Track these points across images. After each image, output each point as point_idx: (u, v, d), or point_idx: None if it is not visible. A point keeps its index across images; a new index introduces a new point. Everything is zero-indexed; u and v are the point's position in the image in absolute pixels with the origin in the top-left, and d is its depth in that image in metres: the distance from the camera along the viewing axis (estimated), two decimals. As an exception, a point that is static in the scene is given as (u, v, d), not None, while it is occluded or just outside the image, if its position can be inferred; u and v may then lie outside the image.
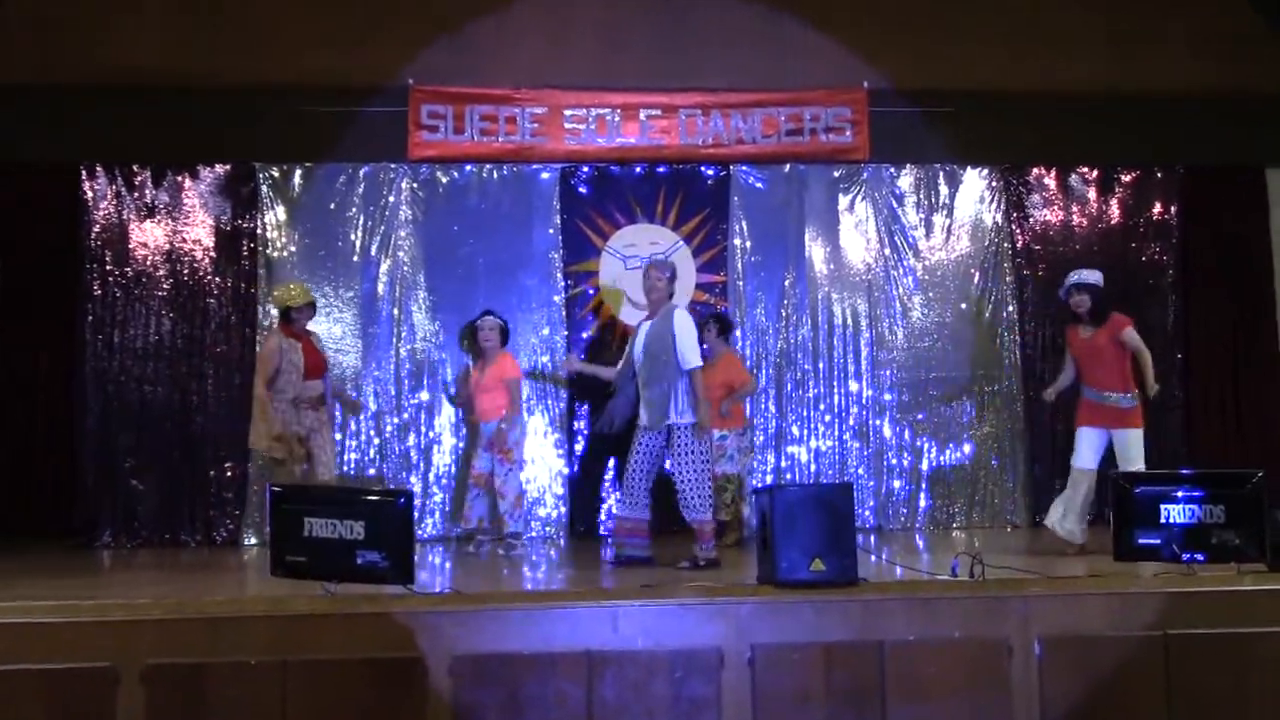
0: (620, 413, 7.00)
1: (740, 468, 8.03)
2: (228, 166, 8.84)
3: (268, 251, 8.80)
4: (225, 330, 8.71)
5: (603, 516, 8.76)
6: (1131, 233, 9.35)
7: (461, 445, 8.78)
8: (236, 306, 8.73)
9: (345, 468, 8.63)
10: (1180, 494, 5.58)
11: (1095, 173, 9.40)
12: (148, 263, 8.68)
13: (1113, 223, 9.36)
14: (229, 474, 8.59)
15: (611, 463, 8.77)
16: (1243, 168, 9.46)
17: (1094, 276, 7.18)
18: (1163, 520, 5.58)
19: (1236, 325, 9.37)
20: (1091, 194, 9.38)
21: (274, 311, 7.94)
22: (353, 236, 8.88)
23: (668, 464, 6.74)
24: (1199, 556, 5.53)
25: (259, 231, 8.79)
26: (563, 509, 8.82)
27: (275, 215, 8.83)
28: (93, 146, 8.67)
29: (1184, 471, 6.30)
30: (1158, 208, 9.37)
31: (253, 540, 8.51)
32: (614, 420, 7.02)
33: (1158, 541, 5.59)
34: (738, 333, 8.92)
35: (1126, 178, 9.40)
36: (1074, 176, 9.39)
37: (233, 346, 8.70)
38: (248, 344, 8.66)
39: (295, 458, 7.29)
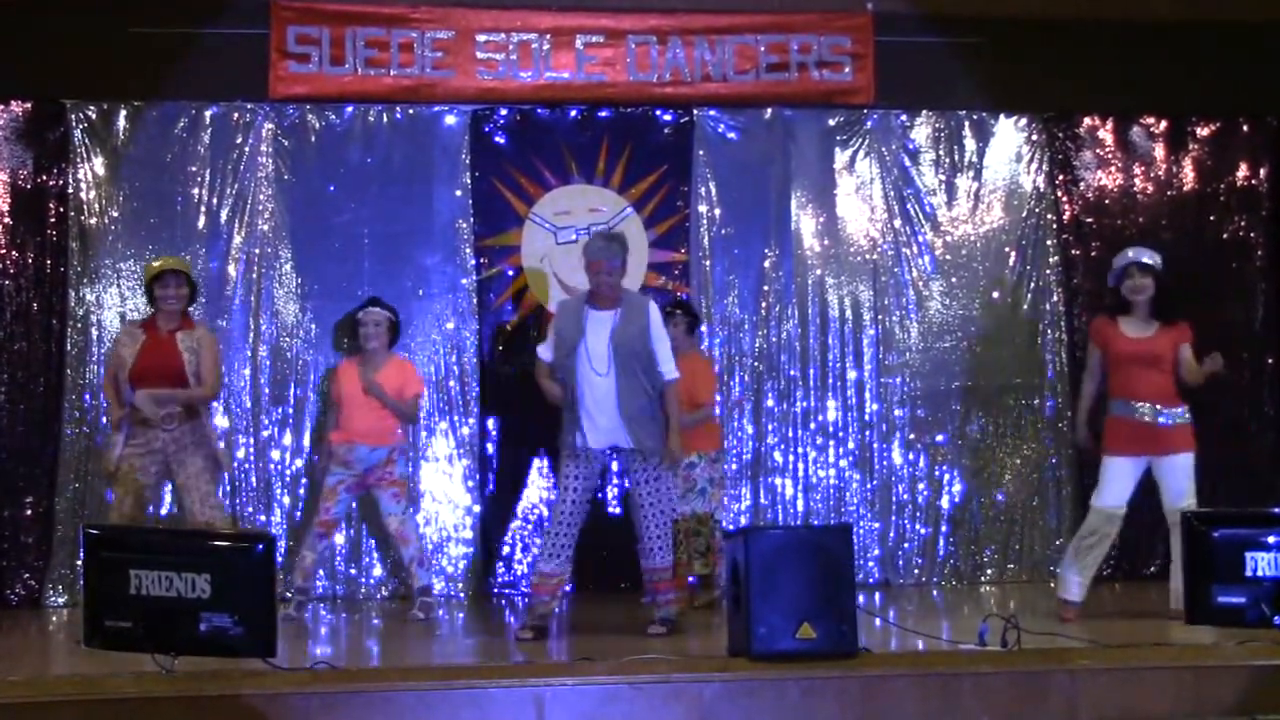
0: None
1: (714, 505, 8.06)
2: (28, 105, 8.74)
3: (82, 217, 8.70)
4: (25, 321, 8.60)
5: (523, 570, 8.77)
6: (1210, 202, 9.49)
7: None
8: (40, 290, 8.62)
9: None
10: (1273, 539, 5.65)
11: (1164, 124, 9.53)
12: (-80, 231, 8.61)
13: (1186, 189, 9.49)
14: (29, 512, 8.47)
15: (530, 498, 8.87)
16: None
17: (1158, 257, 7.28)
18: (1249, 573, 5.63)
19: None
20: (1159, 151, 9.51)
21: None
22: (196, 198, 8.80)
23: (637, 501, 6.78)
24: (1295, 620, 5.62)
25: (70, 190, 8.69)
26: (463, 559, 8.81)
27: (92, 169, 8.74)
28: None
29: (1277, 510, 6.38)
30: (1243, 170, 9.52)
31: (61, 599, 8.40)
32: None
33: (1242, 600, 5.64)
34: (703, 328, 8.96)
35: (1204, 131, 9.54)
36: (1136, 129, 9.52)
37: (35, 343, 8.58)
38: (54, 339, 8.56)
39: (122, 495, 7.13)
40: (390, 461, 7.66)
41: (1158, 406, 7.05)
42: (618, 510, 8.63)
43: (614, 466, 7.93)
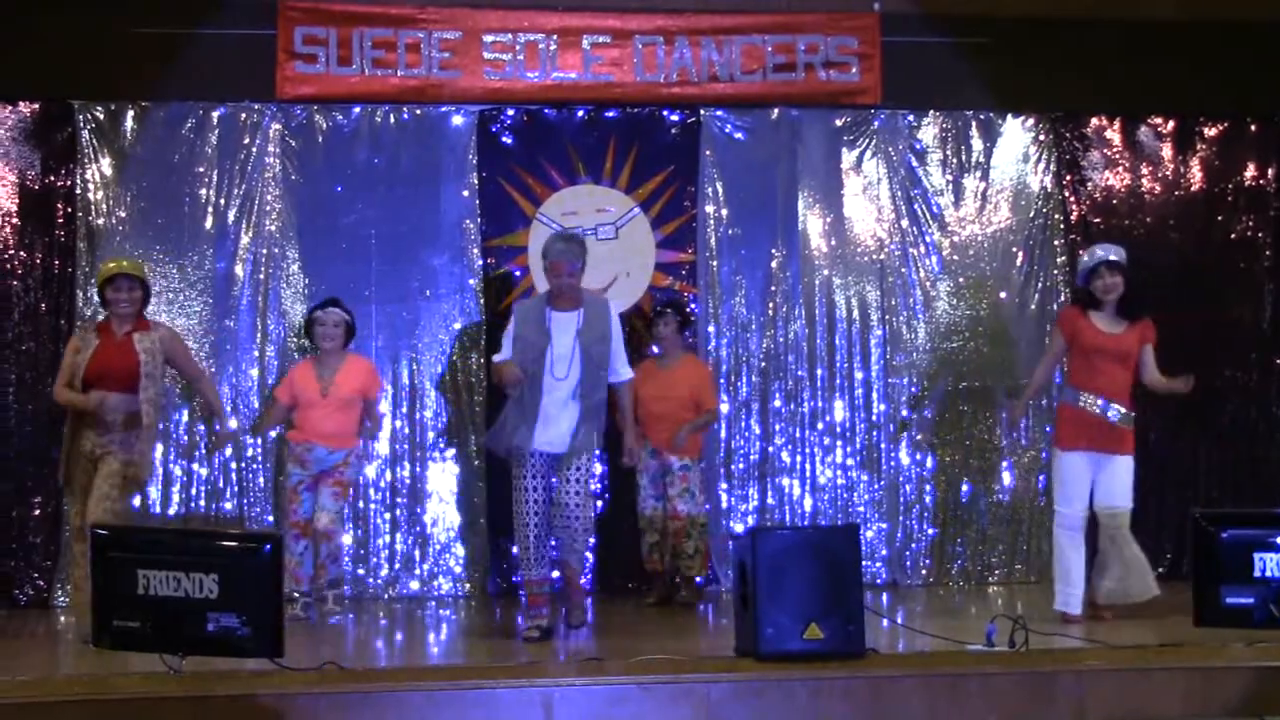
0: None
1: (700, 508, 8.11)
2: (35, 105, 8.75)
3: (90, 217, 8.71)
4: (33, 322, 8.62)
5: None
6: (1217, 201, 9.48)
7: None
8: (48, 290, 8.64)
9: (193, 504, 8.61)
10: (1281, 539, 5.65)
11: (1171, 124, 9.52)
12: (-72, 232, 8.61)
13: (1193, 188, 9.48)
14: (37, 513, 8.48)
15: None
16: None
17: (1124, 254, 7.27)
18: (1258, 574, 5.62)
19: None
20: (1166, 151, 9.50)
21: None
22: (203, 199, 8.81)
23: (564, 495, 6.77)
24: (1304, 621, 5.61)
25: (78, 191, 8.70)
26: (469, 559, 8.80)
27: (100, 170, 8.75)
28: None
29: (1285, 510, 6.37)
30: (1251, 169, 9.51)
31: (69, 600, 8.40)
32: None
33: (1250, 601, 5.63)
34: (710, 328, 8.99)
35: (1211, 131, 9.53)
36: (1144, 129, 9.51)
37: (42, 344, 8.58)
38: (62, 340, 8.51)
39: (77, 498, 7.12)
40: (345, 464, 7.74)
41: (1112, 403, 7.05)
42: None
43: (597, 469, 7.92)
